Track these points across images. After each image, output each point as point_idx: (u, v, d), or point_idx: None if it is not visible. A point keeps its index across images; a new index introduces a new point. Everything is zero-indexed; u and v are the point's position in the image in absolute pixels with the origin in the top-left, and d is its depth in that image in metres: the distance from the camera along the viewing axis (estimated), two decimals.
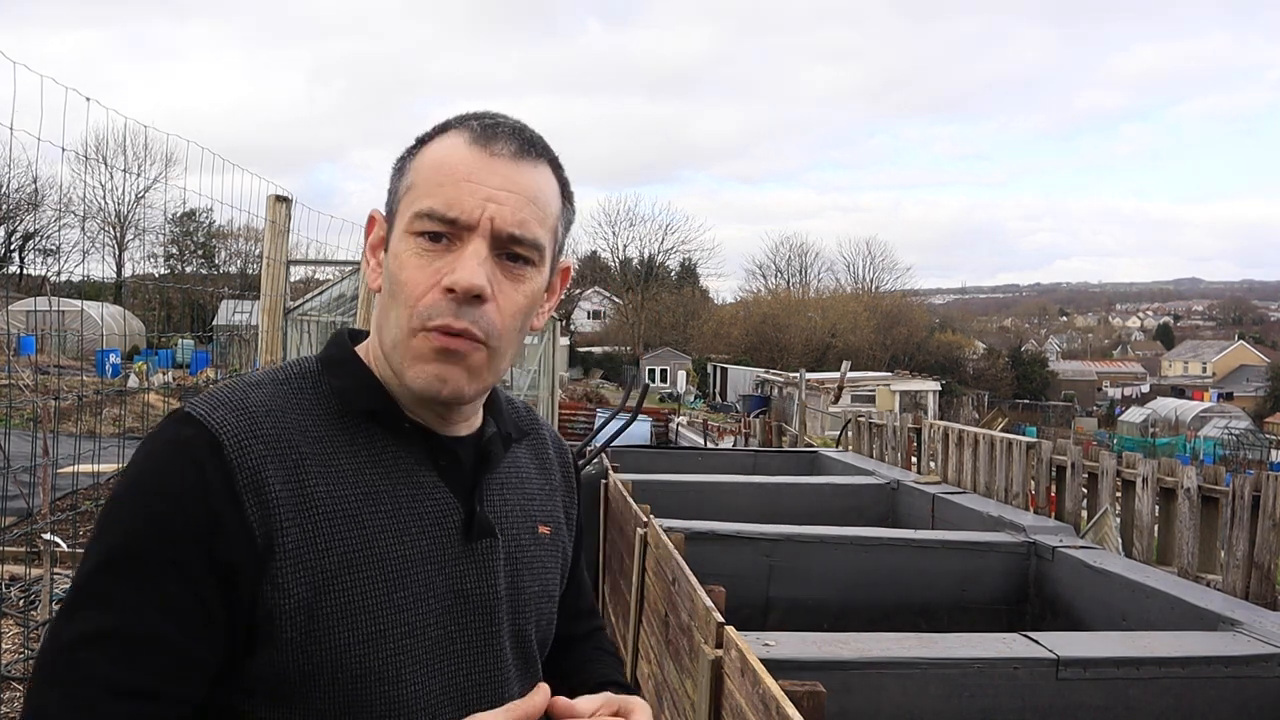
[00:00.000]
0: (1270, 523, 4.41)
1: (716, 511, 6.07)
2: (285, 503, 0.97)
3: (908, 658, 3.28)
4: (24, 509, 8.55)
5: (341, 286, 15.16)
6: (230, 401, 1.01)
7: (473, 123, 1.07)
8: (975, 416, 41.12)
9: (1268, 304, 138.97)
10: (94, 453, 8.42)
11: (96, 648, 0.91)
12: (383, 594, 1.00)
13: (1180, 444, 35.15)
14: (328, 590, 0.98)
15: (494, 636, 1.09)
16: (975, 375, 60.52)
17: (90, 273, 52.54)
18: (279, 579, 0.96)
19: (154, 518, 0.94)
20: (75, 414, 14.67)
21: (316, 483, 1.00)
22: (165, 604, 0.93)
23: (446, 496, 1.07)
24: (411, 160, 1.08)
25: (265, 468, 0.98)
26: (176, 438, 0.98)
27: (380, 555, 1.01)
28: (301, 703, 0.98)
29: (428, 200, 1.02)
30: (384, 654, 1.00)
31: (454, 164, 1.03)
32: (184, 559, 0.94)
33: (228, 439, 0.97)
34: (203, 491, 0.95)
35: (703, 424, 25.08)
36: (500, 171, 1.03)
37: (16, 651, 5.41)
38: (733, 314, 62.33)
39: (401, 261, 1.03)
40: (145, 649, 0.92)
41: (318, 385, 1.07)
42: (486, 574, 1.09)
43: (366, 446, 1.05)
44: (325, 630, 0.97)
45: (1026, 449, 6.12)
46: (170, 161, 43.73)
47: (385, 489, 1.04)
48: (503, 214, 1.02)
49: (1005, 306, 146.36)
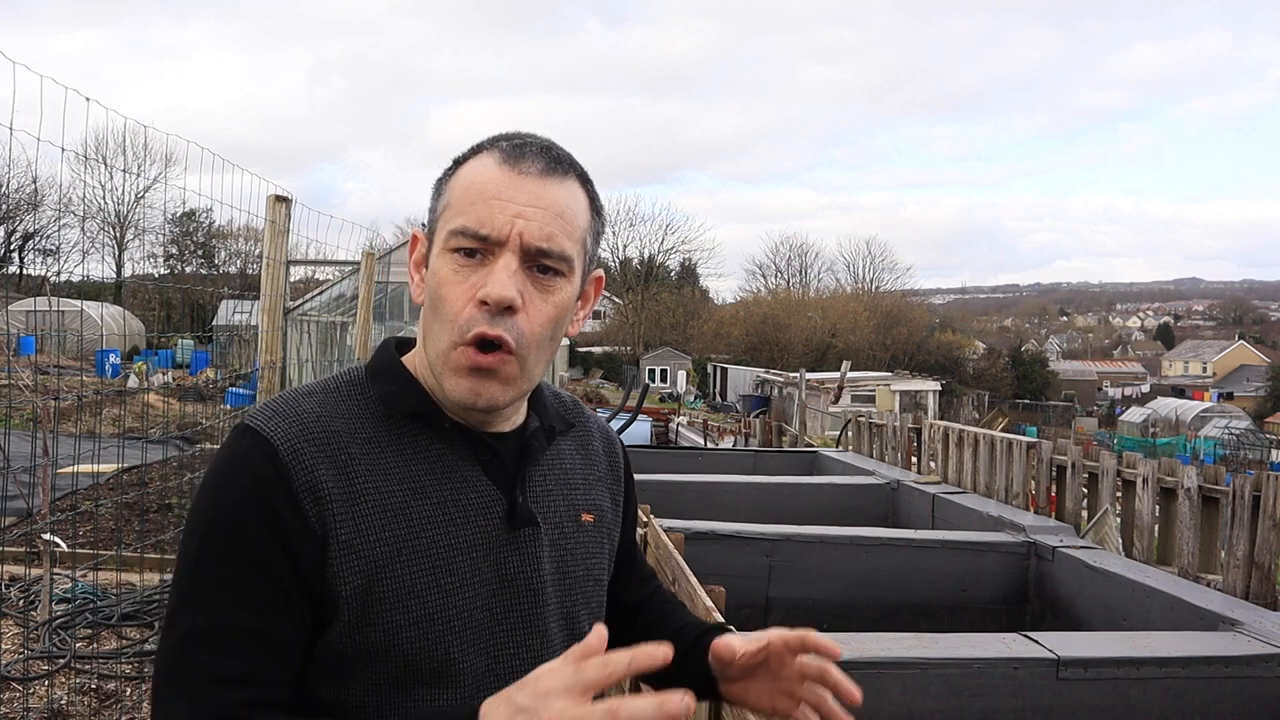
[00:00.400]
0: (1270, 523, 4.41)
1: (716, 511, 6.07)
2: (337, 499, 1.07)
3: (908, 658, 3.28)
4: (24, 509, 8.54)
5: (341, 286, 15.14)
6: (283, 411, 1.12)
7: (502, 143, 1.15)
8: (975, 416, 41.13)
9: (1268, 304, 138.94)
10: (94, 453, 8.42)
11: (198, 645, 1.03)
12: (430, 579, 1.09)
13: (1180, 444, 35.16)
14: (379, 577, 1.07)
15: (539, 618, 1.17)
16: (975, 375, 60.53)
17: (90, 273, 52.53)
18: (335, 568, 1.06)
19: (225, 522, 1.06)
20: (75, 414, 14.67)
21: (365, 480, 1.09)
22: (250, 597, 1.04)
23: (489, 489, 1.16)
24: (448, 181, 1.17)
25: (317, 468, 1.07)
26: (237, 448, 1.10)
27: (427, 544, 1.10)
28: (360, 680, 1.08)
29: (461, 219, 1.10)
30: (433, 635, 1.09)
31: (484, 183, 1.11)
32: (259, 554, 1.04)
33: (281, 445, 1.08)
34: (263, 493, 1.05)
35: (703, 424, 25.07)
36: (528, 188, 1.10)
37: (16, 651, 5.41)
38: (733, 314, 62.33)
39: (441, 278, 1.11)
40: (239, 640, 1.03)
41: (365, 392, 1.17)
42: (530, 560, 1.17)
43: (411, 445, 1.14)
44: (378, 614, 1.07)
45: (1027, 449, 6.12)
46: (170, 161, 43.72)
47: (430, 483, 1.12)
48: (530, 229, 1.09)
49: (1005, 306, 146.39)
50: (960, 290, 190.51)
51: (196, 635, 1.03)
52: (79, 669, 5.17)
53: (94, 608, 6.07)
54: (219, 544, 1.05)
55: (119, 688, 5.03)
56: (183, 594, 1.06)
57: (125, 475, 10.08)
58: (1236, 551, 4.56)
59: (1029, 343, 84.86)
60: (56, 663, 5.20)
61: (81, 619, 5.87)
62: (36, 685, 4.93)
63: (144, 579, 6.48)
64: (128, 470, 10.36)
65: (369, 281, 5.88)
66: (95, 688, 4.98)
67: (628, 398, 7.43)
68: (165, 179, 42.50)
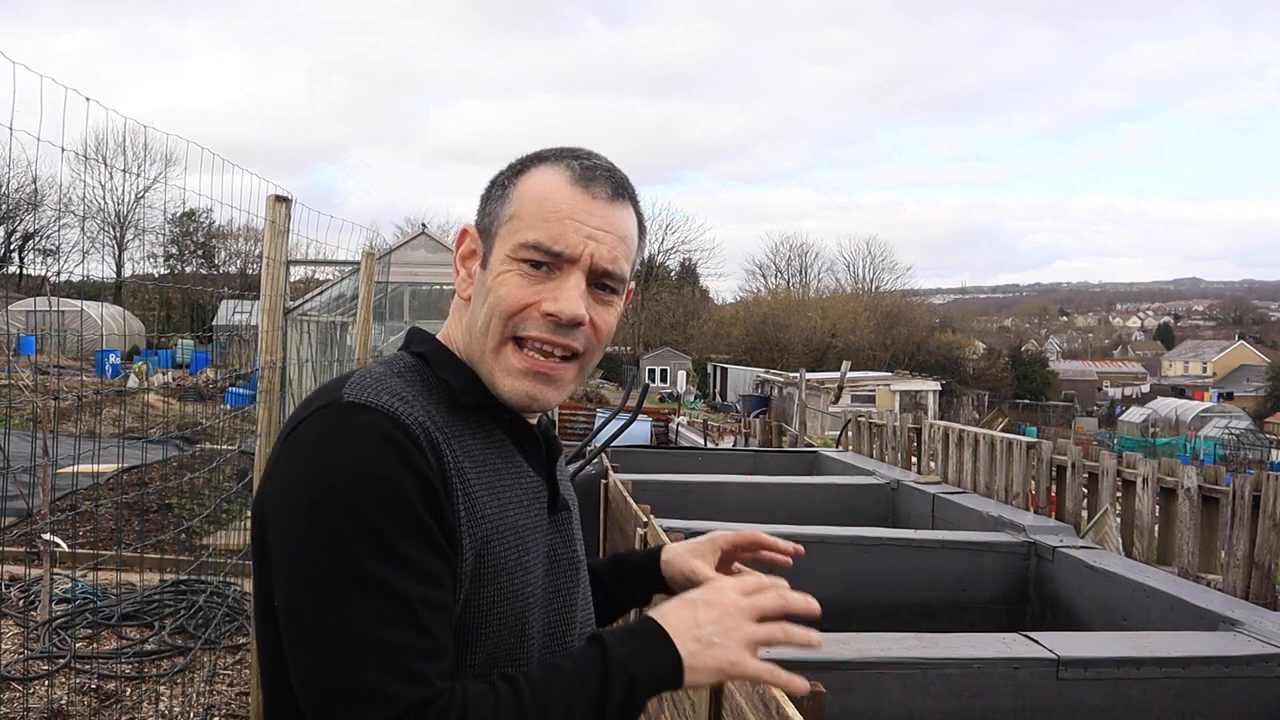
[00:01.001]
0: (1270, 523, 4.41)
1: (716, 511, 6.07)
2: (454, 475, 1.09)
3: (908, 658, 3.28)
4: (24, 509, 8.54)
5: (341, 286, 15.14)
6: (383, 388, 1.11)
7: (573, 162, 1.19)
8: (975, 416, 41.12)
9: (1268, 304, 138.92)
10: (94, 453, 8.42)
11: (393, 624, 0.99)
12: (515, 558, 1.14)
13: (1180, 444, 35.16)
14: (483, 554, 1.10)
15: (574, 595, 1.25)
16: (975, 375, 60.53)
17: (90, 273, 52.54)
18: (459, 542, 1.08)
19: (387, 498, 1.02)
20: (75, 414, 14.66)
21: (462, 459, 1.12)
22: (427, 568, 1.03)
23: (534, 476, 1.22)
24: (513, 188, 1.20)
25: (439, 444, 1.09)
26: (357, 423, 1.06)
27: (513, 524, 1.15)
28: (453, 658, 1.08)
29: (533, 233, 1.15)
30: (516, 610, 1.13)
31: (558, 201, 1.16)
32: (424, 526, 1.04)
33: (404, 417, 1.08)
34: (412, 464, 1.05)
35: (703, 424, 25.06)
36: (599, 213, 1.17)
37: (16, 651, 5.41)
38: (733, 314, 62.36)
39: (502, 280, 1.16)
40: (430, 613, 1.02)
41: (426, 377, 1.19)
42: (570, 542, 1.26)
43: (480, 430, 1.18)
44: (478, 590, 1.10)
45: (1026, 449, 6.12)
46: (170, 161, 43.75)
47: (501, 467, 1.17)
48: (600, 251, 1.16)
49: (1005, 306, 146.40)
50: (960, 290, 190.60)
51: (390, 614, 0.99)
52: (79, 669, 5.17)
53: (94, 608, 6.07)
54: (384, 518, 1.01)
55: (119, 688, 5.03)
56: (351, 576, 1.00)
57: (125, 475, 10.08)
58: (1236, 551, 4.56)
59: (1029, 343, 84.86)
60: (56, 663, 5.20)
61: (81, 619, 5.87)
62: (36, 685, 4.93)
63: (144, 579, 6.48)
64: (128, 470, 10.36)
65: (369, 281, 5.88)
66: (95, 688, 4.98)
67: (628, 398, 7.41)
68: (165, 179, 42.53)
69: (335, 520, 1.01)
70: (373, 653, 0.98)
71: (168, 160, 44.06)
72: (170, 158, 44.24)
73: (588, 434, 12.46)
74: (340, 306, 13.86)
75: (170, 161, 43.71)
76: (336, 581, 1.00)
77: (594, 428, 13.41)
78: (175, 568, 6.84)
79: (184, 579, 6.44)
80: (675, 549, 1.46)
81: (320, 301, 14.07)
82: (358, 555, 1.00)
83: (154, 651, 5.50)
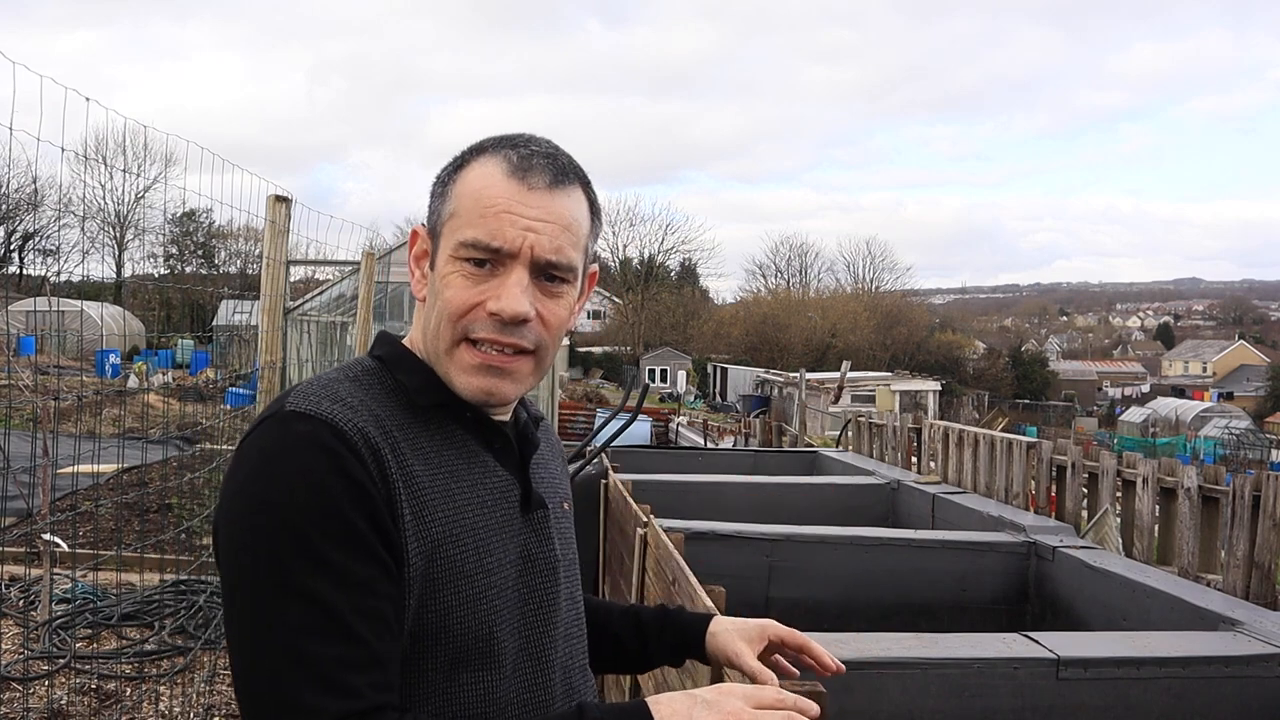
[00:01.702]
0: (1271, 522, 4.41)
1: (716, 511, 6.06)
2: (398, 480, 1.07)
3: (908, 658, 3.28)
4: (24, 509, 8.54)
5: (341, 286, 15.12)
6: (327, 395, 1.10)
7: (509, 152, 1.16)
8: (975, 416, 41.12)
9: (1268, 304, 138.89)
10: (94, 453, 8.42)
11: (320, 635, 0.98)
12: (475, 561, 1.11)
13: (1180, 444, 35.15)
14: (435, 558, 1.07)
15: (555, 596, 1.22)
16: (975, 375, 60.52)
17: (90, 273, 52.57)
18: (403, 549, 1.05)
19: (314, 504, 1.01)
20: (75, 414, 14.66)
21: (413, 462, 1.09)
22: (360, 578, 1.01)
23: (504, 474, 1.19)
24: (452, 184, 1.18)
25: (378, 449, 1.07)
26: (292, 433, 1.06)
27: (470, 525, 1.12)
28: (409, 666, 1.07)
29: (471, 230, 1.12)
30: (479, 615, 1.10)
31: (494, 195, 1.13)
32: (358, 533, 1.02)
33: (344, 425, 1.06)
34: (345, 471, 1.03)
35: (703, 424, 25.06)
36: (537, 203, 1.13)
37: (16, 651, 5.41)
38: (733, 314, 62.33)
39: (447, 282, 1.14)
40: (361, 623, 1.00)
41: (384, 380, 1.17)
42: (545, 541, 1.22)
43: (439, 431, 1.15)
44: (433, 594, 1.07)
45: (1026, 449, 6.12)
46: (170, 161, 43.74)
47: (461, 468, 1.15)
48: (541, 243, 1.12)
49: (1005, 306, 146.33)
50: (960, 290, 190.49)
51: (316, 625, 0.98)
52: (79, 669, 5.17)
53: (94, 608, 6.07)
54: (314, 528, 1.00)
55: (119, 688, 5.03)
56: (279, 586, 0.99)
57: (125, 475, 10.08)
58: (1236, 551, 4.56)
59: (1029, 343, 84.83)
60: (56, 663, 5.20)
61: (81, 619, 5.87)
62: (36, 685, 4.93)
63: (144, 579, 6.48)
64: (128, 470, 10.36)
65: (369, 281, 5.88)
66: (95, 688, 4.98)
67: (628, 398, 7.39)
68: (165, 179, 42.55)
69: (267, 531, 1.01)
70: (296, 664, 0.97)
71: (168, 160, 44.09)
72: (170, 158, 44.26)
73: (588, 434, 12.45)
74: (340, 306, 13.86)
75: (170, 161, 43.74)
76: (265, 592, 1.00)
77: (594, 428, 13.40)
78: (175, 568, 6.84)
79: (184, 579, 6.44)
80: (726, 626, 1.43)
81: (320, 301, 14.08)
82: (287, 566, 0.99)
83: (154, 651, 5.50)
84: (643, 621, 1.47)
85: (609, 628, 1.47)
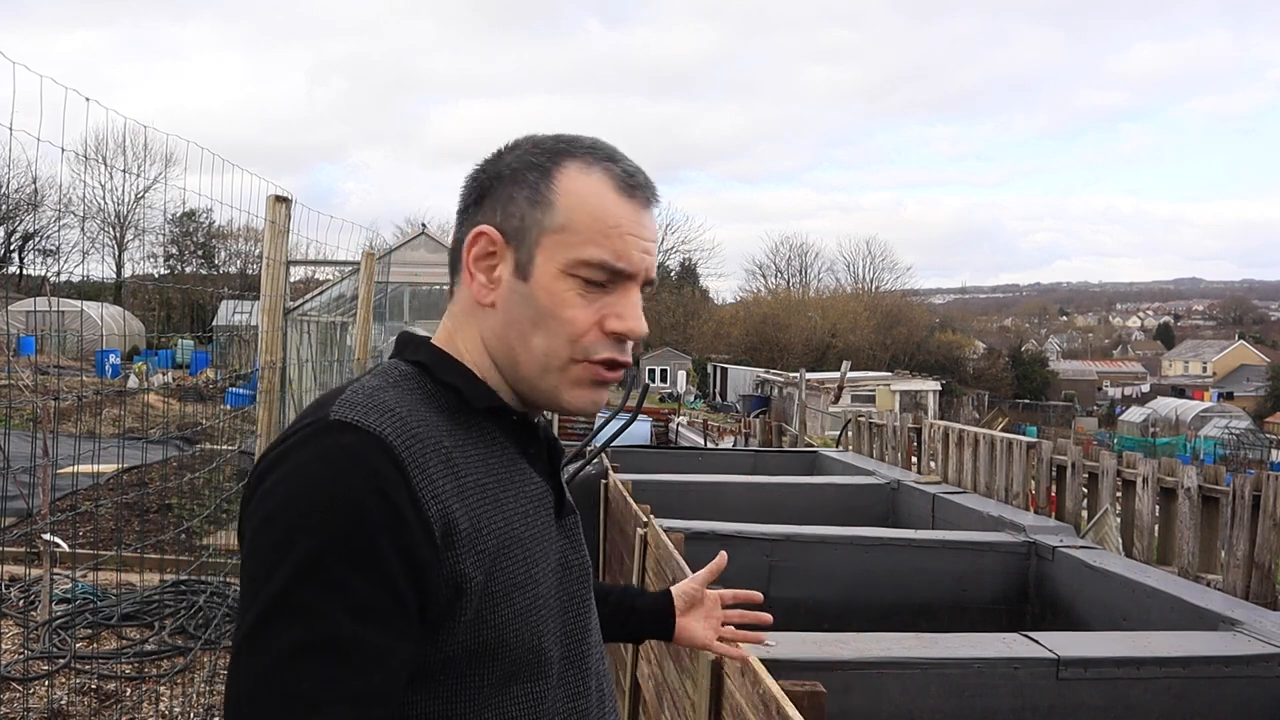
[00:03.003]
0: (1270, 522, 4.41)
1: (716, 511, 6.07)
2: (450, 493, 1.03)
3: (908, 658, 3.28)
4: (24, 509, 8.55)
5: (341, 287, 15.12)
6: (375, 405, 1.05)
7: (612, 166, 1.14)
8: (975, 416, 41.13)
9: (1268, 304, 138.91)
10: (94, 453, 8.42)
11: (317, 656, 0.94)
12: (525, 571, 1.09)
13: (1180, 444, 35.16)
14: (493, 571, 1.05)
15: (588, 602, 1.21)
16: (975, 375, 60.53)
17: (90, 273, 52.59)
18: (459, 566, 1.02)
19: (342, 523, 0.97)
20: (75, 414, 14.67)
21: (465, 472, 1.07)
22: (372, 607, 0.97)
23: (539, 481, 1.17)
24: (548, 189, 1.12)
25: (429, 462, 1.03)
26: (337, 445, 1.01)
27: (520, 535, 1.10)
28: (461, 684, 1.05)
29: (595, 250, 1.10)
30: (530, 626, 1.08)
31: (616, 216, 1.12)
32: (381, 560, 0.97)
33: (393, 439, 1.02)
34: (384, 492, 0.99)
35: (703, 424, 25.06)
36: (647, 224, 1.15)
37: (16, 652, 5.41)
38: (733, 314, 62.35)
39: (562, 299, 1.11)
40: (361, 654, 0.96)
41: (424, 385, 1.13)
42: (578, 547, 1.22)
43: (483, 438, 1.13)
44: (491, 610, 1.05)
45: (1026, 449, 6.12)
46: (170, 161, 43.74)
47: (506, 475, 1.12)
48: (650, 264, 1.15)
49: (1005, 306, 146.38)
50: (960, 290, 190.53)
51: (314, 645, 0.94)
52: (79, 669, 5.17)
53: (94, 608, 6.07)
54: (335, 547, 0.96)
55: (119, 688, 5.03)
56: (285, 599, 0.95)
57: (125, 475, 10.08)
58: (1236, 551, 4.57)
59: (1029, 343, 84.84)
60: (56, 663, 5.20)
61: (81, 619, 5.88)
62: (36, 685, 4.93)
63: (144, 579, 6.49)
64: (128, 470, 10.36)
65: (369, 281, 5.88)
66: (95, 688, 4.98)
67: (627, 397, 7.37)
68: (165, 179, 42.52)
69: (287, 544, 0.97)
70: (290, 680, 0.93)
71: (168, 160, 44.08)
72: (170, 158, 44.26)
73: (588, 434, 12.46)
74: (340, 306, 13.85)
75: (170, 161, 43.73)
76: (268, 604, 0.96)
77: (594, 428, 13.39)
78: (175, 568, 6.84)
79: (184, 579, 6.44)
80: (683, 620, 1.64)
81: (320, 301, 14.07)
82: (298, 582, 0.95)
83: (154, 652, 5.50)
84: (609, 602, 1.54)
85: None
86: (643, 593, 1.63)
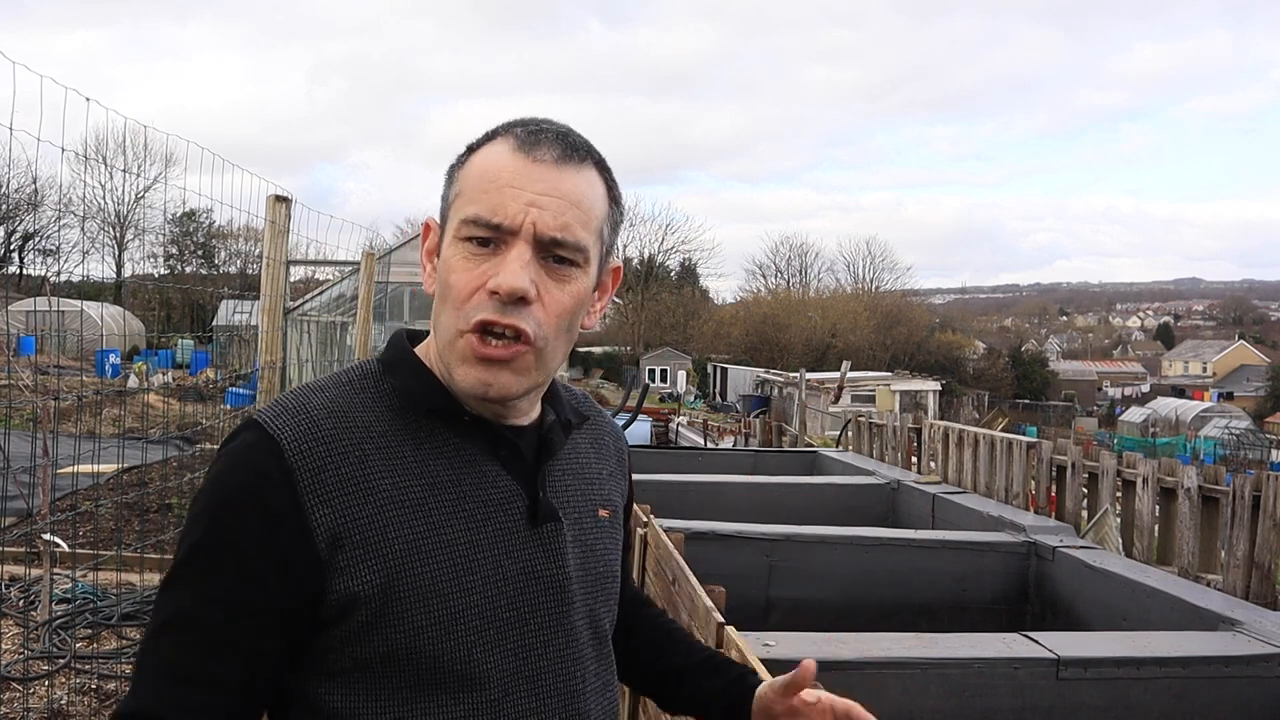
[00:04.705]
0: (1270, 523, 4.41)
1: (716, 511, 6.06)
2: (349, 496, 1.04)
3: (908, 658, 3.28)
4: (24, 509, 8.55)
5: (341, 287, 15.12)
6: (292, 407, 1.08)
7: (518, 129, 1.11)
8: (975, 416, 41.11)
9: (1268, 304, 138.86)
10: (94, 453, 8.42)
11: (163, 634, 1.03)
12: (451, 578, 1.05)
13: (1180, 444, 35.15)
14: (399, 575, 1.03)
15: (565, 616, 1.14)
16: (975, 375, 60.52)
17: (90, 273, 52.60)
18: (350, 567, 1.02)
19: (219, 517, 1.04)
20: (75, 414, 14.67)
21: (380, 476, 1.05)
22: (225, 597, 1.02)
23: (509, 484, 1.12)
24: (460, 169, 1.13)
25: (325, 466, 1.04)
26: (241, 444, 1.07)
27: (448, 541, 1.06)
28: (377, 686, 1.05)
29: (473, 207, 1.07)
30: (456, 636, 1.05)
31: (498, 170, 1.07)
32: (244, 554, 1.02)
33: (287, 442, 1.04)
34: (261, 490, 1.03)
35: (703, 424, 25.05)
36: (542, 177, 1.07)
37: (16, 651, 5.41)
38: (733, 314, 62.32)
39: (451, 265, 1.08)
40: (201, 638, 1.02)
41: (379, 385, 1.13)
42: (554, 556, 1.14)
43: (429, 440, 1.10)
44: (399, 614, 1.03)
45: (1027, 449, 6.12)
46: (170, 161, 43.70)
47: (449, 479, 1.09)
48: (544, 218, 1.05)
49: (1005, 306, 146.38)
50: (960, 290, 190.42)
51: (164, 624, 1.04)
52: (79, 669, 5.17)
53: (94, 608, 6.06)
54: (207, 537, 1.03)
55: (119, 688, 5.03)
56: (167, 580, 1.05)
57: (125, 475, 10.08)
58: (1236, 551, 4.56)
59: (1029, 343, 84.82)
60: (56, 663, 5.20)
61: (81, 619, 5.87)
62: (36, 685, 4.93)
63: (144, 579, 6.48)
64: (128, 470, 10.36)
65: (369, 281, 5.88)
66: (95, 688, 4.98)
67: (628, 397, 7.41)
68: (165, 179, 42.53)
69: (186, 529, 1.06)
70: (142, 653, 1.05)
71: (168, 160, 44.04)
72: (170, 158, 44.21)
73: None
74: (340, 306, 13.85)
75: (170, 161, 43.69)
76: (163, 583, 1.06)
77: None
78: None
79: None
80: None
81: (320, 301, 14.08)
82: (179, 565, 1.04)
83: None
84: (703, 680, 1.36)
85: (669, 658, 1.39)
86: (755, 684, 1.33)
